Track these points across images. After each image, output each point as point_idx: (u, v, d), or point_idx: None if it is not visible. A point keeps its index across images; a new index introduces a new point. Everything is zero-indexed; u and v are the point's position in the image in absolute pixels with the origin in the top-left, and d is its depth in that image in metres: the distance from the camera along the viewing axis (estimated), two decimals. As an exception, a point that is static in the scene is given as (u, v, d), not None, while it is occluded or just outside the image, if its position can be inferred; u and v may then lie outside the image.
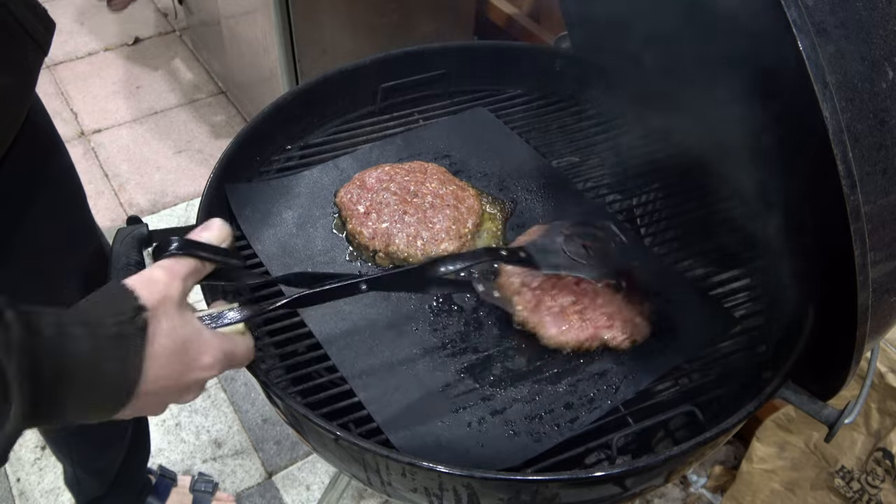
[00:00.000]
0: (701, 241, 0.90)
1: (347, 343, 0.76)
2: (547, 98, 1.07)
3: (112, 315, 0.51)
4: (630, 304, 0.77)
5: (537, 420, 0.71)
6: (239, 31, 2.01)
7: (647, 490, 0.74)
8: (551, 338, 0.74)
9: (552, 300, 0.76)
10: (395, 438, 0.68)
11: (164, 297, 0.55)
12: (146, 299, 0.54)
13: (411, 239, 0.83)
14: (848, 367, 0.63)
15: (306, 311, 0.78)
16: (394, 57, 1.03)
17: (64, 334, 0.48)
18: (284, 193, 0.90)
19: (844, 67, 0.52)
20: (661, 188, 0.98)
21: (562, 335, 0.74)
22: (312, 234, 0.87)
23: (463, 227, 0.85)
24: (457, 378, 0.74)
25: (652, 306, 0.78)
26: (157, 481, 1.42)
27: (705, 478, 1.48)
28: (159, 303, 0.54)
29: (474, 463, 0.66)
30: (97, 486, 1.26)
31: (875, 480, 1.12)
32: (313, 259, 0.84)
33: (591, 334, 0.74)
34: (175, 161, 2.27)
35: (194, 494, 1.46)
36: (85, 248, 1.00)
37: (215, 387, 1.69)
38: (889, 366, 1.07)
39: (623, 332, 0.75)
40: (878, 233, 0.54)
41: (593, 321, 0.75)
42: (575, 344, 0.74)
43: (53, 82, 2.56)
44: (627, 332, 0.75)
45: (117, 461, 1.24)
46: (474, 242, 0.86)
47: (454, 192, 0.88)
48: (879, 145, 0.53)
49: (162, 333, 0.54)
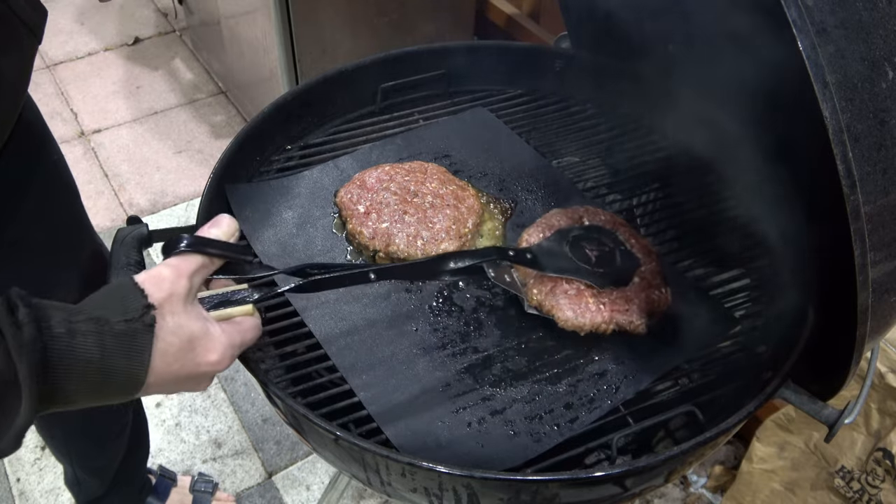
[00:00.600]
0: (701, 241, 0.90)
1: (347, 343, 0.76)
2: (547, 98, 1.07)
3: (120, 312, 0.52)
4: (647, 290, 0.77)
5: (537, 420, 0.71)
6: (239, 31, 2.01)
7: (647, 490, 0.74)
8: (567, 320, 0.74)
9: (568, 283, 0.76)
10: (394, 438, 0.68)
11: (170, 294, 0.56)
12: (154, 297, 0.55)
13: (411, 239, 0.83)
14: (848, 367, 0.63)
15: (306, 312, 0.78)
16: (394, 57, 1.03)
17: (74, 332, 0.49)
18: (284, 193, 0.90)
19: (844, 67, 0.52)
20: (661, 188, 0.98)
21: (578, 317, 0.74)
22: (312, 234, 0.87)
23: (463, 227, 0.85)
24: (457, 378, 0.74)
25: (667, 293, 0.78)
26: (157, 481, 1.42)
27: (705, 478, 1.48)
28: (166, 300, 0.55)
29: (474, 463, 0.66)
30: (97, 486, 1.26)
31: (875, 480, 1.12)
32: (313, 259, 0.84)
33: (608, 317, 0.74)
34: (175, 161, 2.27)
35: (194, 494, 1.46)
36: (80, 246, 0.99)
37: (215, 387, 1.68)
38: (889, 366, 1.07)
39: (640, 317, 0.74)
40: (878, 233, 0.54)
41: (610, 304, 0.75)
42: (591, 326, 0.74)
43: (53, 82, 2.56)
44: (645, 315, 0.75)
45: (116, 460, 1.24)
46: (474, 242, 0.86)
47: (454, 192, 0.88)
48: (879, 145, 0.53)
49: (169, 331, 0.55)
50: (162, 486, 1.42)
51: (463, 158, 0.97)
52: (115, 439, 1.21)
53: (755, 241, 0.89)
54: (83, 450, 1.21)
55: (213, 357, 0.59)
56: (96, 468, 1.24)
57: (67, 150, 2.29)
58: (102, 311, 0.52)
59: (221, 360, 0.60)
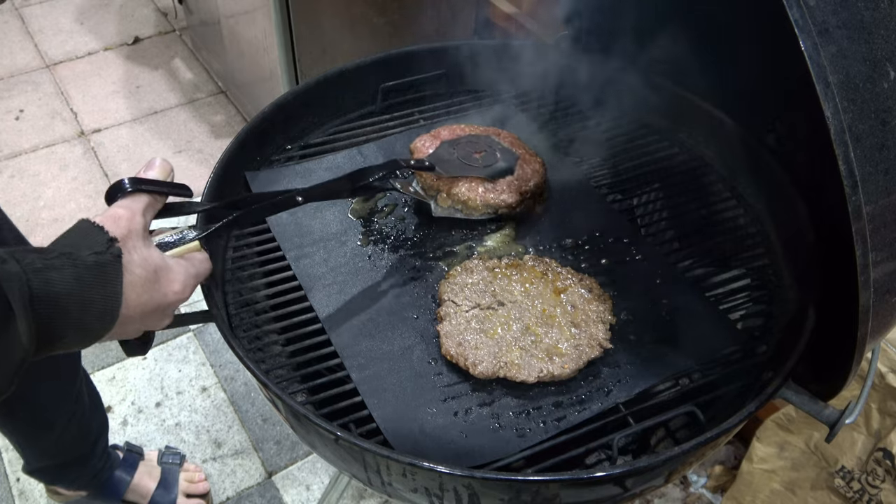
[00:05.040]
0: (701, 241, 0.90)
1: (347, 326, 0.78)
2: (547, 98, 1.07)
3: (87, 247, 0.54)
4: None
5: (524, 416, 0.71)
6: (239, 30, 2.01)
7: (648, 490, 0.74)
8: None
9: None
10: (381, 421, 0.69)
11: (129, 230, 0.58)
12: (115, 232, 0.57)
13: (474, 185, 0.88)
14: (849, 367, 0.63)
15: (312, 293, 0.81)
16: (394, 57, 1.03)
17: (50, 267, 0.51)
18: (306, 177, 0.94)
19: (846, 68, 0.52)
20: (661, 188, 0.98)
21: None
22: (329, 218, 0.90)
23: (525, 185, 0.89)
24: (451, 367, 0.75)
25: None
26: (124, 456, 1.44)
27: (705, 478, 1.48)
28: (127, 236, 0.58)
29: (454, 453, 0.67)
30: (56, 467, 1.29)
31: (875, 480, 1.12)
32: (326, 241, 0.87)
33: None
34: (175, 161, 2.27)
35: (162, 467, 1.48)
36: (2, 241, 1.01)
37: (215, 387, 1.69)
38: (890, 366, 1.07)
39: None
40: (880, 233, 0.54)
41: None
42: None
43: (53, 82, 2.56)
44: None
45: (73, 441, 1.26)
46: (532, 204, 0.91)
47: (522, 155, 0.92)
48: (881, 145, 0.53)
49: (135, 263, 0.58)
50: (130, 460, 1.44)
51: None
52: (66, 423, 1.22)
53: (755, 241, 0.89)
54: (35, 437, 1.23)
55: (177, 286, 0.62)
56: (52, 453, 1.27)
57: (67, 150, 2.30)
58: (71, 248, 0.54)
59: (184, 289, 0.63)
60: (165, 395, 1.67)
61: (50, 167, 2.24)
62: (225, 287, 0.82)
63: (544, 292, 0.80)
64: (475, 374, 0.73)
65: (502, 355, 0.74)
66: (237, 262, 0.86)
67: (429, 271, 0.85)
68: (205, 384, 1.69)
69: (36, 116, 2.42)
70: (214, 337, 1.78)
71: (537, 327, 0.76)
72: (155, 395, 1.67)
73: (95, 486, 1.38)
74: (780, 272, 0.84)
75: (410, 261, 0.86)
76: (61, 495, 1.43)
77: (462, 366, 0.73)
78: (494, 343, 0.75)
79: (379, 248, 0.87)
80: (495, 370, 0.72)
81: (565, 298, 0.79)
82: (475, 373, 0.72)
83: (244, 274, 0.85)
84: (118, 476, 1.41)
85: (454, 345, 0.74)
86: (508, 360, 0.73)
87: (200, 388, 1.68)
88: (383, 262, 0.85)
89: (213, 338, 1.78)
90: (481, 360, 0.73)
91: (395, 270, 0.84)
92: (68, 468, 1.32)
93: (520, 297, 0.79)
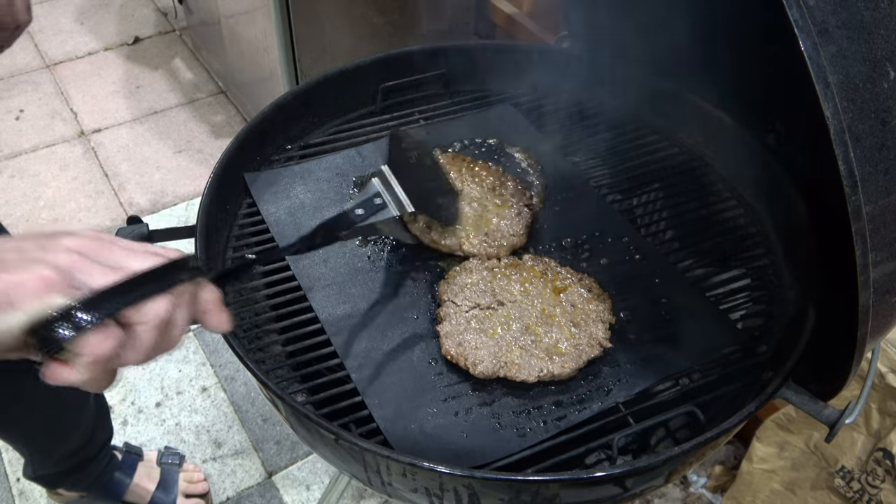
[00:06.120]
0: (701, 241, 0.90)
1: (347, 325, 0.78)
2: (547, 97, 1.07)
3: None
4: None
5: (524, 415, 0.71)
6: (239, 30, 2.01)
7: (648, 490, 0.74)
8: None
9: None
10: (380, 420, 0.69)
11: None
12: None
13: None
14: (849, 367, 0.63)
15: (312, 293, 0.81)
16: (394, 57, 1.03)
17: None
18: (305, 178, 0.94)
19: (846, 68, 0.52)
20: (661, 188, 0.98)
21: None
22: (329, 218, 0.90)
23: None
24: (451, 367, 0.75)
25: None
26: (123, 457, 1.44)
27: (705, 478, 1.48)
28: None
29: (454, 453, 0.67)
30: (59, 472, 1.29)
31: (875, 480, 1.12)
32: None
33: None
34: (175, 161, 2.27)
35: (162, 467, 1.47)
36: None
37: (215, 387, 1.69)
38: (890, 366, 1.07)
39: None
40: (880, 233, 0.54)
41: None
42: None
43: (53, 82, 2.56)
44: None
45: (79, 447, 1.26)
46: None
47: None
48: (881, 145, 0.53)
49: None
50: (129, 462, 1.44)
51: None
52: (75, 432, 1.22)
53: (755, 241, 0.89)
54: (48, 446, 1.23)
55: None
56: (60, 460, 1.27)
57: (67, 150, 2.29)
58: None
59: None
60: (165, 395, 1.67)
61: (50, 167, 2.24)
62: (225, 287, 0.82)
63: (544, 292, 0.80)
64: (475, 374, 0.73)
65: (502, 355, 0.74)
66: (237, 262, 0.86)
67: (428, 271, 0.85)
68: (205, 384, 1.69)
69: (36, 116, 2.42)
70: (214, 337, 1.78)
71: (537, 327, 0.76)
72: (155, 395, 1.67)
73: (96, 487, 1.39)
74: (780, 272, 0.84)
75: (410, 261, 0.86)
76: (61, 496, 1.43)
77: (462, 366, 0.73)
78: (494, 343, 0.75)
79: (378, 248, 0.87)
80: (495, 370, 0.72)
81: (565, 298, 0.79)
82: (475, 373, 0.72)
83: (244, 274, 0.85)
84: (118, 478, 1.41)
85: (454, 345, 0.74)
86: (508, 360, 0.73)
87: (200, 388, 1.68)
88: (383, 262, 0.85)
89: (213, 338, 1.78)
90: (481, 359, 0.73)
91: (394, 271, 0.84)
92: (71, 474, 1.32)
93: (519, 297, 0.79)
